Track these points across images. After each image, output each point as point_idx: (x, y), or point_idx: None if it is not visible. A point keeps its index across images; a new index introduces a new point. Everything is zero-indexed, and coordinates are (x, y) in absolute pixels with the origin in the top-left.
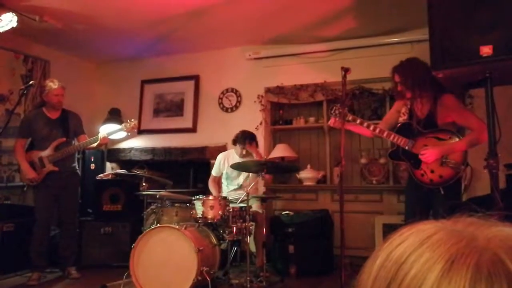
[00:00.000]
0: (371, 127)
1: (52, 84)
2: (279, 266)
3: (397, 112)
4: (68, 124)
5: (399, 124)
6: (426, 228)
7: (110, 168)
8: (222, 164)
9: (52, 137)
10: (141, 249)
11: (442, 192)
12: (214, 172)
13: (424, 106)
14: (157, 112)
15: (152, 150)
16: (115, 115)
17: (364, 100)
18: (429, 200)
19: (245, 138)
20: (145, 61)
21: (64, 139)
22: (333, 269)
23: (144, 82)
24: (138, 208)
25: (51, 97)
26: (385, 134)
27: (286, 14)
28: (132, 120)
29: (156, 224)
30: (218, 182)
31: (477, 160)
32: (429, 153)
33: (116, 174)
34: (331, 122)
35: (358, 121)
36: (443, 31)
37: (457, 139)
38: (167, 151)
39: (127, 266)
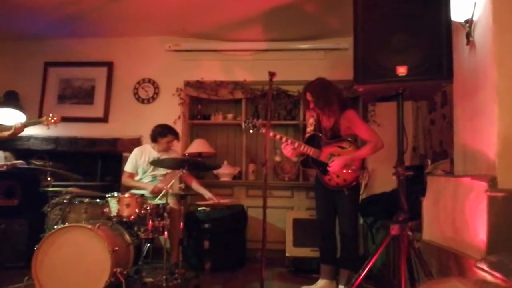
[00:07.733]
0: (284, 139)
1: None
2: (193, 262)
3: None
4: None
5: (307, 135)
6: None
7: (3, 158)
8: (138, 160)
9: None
10: (45, 250)
11: (347, 193)
12: (129, 169)
13: (329, 119)
14: (62, 99)
15: (56, 140)
16: (11, 99)
17: (280, 101)
18: (334, 198)
19: (157, 134)
20: (51, 42)
21: None
22: (245, 263)
23: (48, 65)
24: (38, 204)
25: None
26: (296, 145)
27: (209, 10)
28: (54, 114)
29: (62, 222)
30: (133, 178)
31: (374, 163)
32: (335, 165)
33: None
34: (288, 154)
35: (278, 136)
36: (366, 50)
37: (356, 148)
38: (73, 141)
39: (23, 267)
